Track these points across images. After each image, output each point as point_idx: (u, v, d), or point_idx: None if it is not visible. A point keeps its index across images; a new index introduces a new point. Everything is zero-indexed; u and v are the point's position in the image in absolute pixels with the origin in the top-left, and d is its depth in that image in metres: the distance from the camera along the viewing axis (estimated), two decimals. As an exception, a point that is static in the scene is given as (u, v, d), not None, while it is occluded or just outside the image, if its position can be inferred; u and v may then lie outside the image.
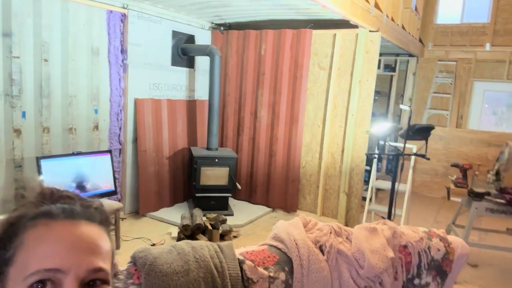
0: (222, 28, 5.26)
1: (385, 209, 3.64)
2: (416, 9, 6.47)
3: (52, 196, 0.63)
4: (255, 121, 5.07)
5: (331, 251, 1.55)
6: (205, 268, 1.30)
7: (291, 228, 1.61)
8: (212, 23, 5.23)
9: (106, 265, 0.60)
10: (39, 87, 3.41)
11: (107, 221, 0.68)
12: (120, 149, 4.29)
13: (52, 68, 3.49)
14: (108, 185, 3.64)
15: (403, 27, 5.61)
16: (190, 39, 4.96)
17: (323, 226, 1.70)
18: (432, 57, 7.31)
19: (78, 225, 0.60)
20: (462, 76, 7.11)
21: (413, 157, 4.05)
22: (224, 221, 3.95)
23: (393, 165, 3.30)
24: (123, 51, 4.14)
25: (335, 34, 4.49)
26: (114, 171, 3.77)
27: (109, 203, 3.45)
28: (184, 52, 4.83)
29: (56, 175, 3.28)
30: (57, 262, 0.55)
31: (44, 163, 3.20)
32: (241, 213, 4.66)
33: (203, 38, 5.13)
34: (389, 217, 3.28)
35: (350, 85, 4.44)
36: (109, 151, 3.79)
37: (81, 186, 3.41)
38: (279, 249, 1.53)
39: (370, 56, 4.33)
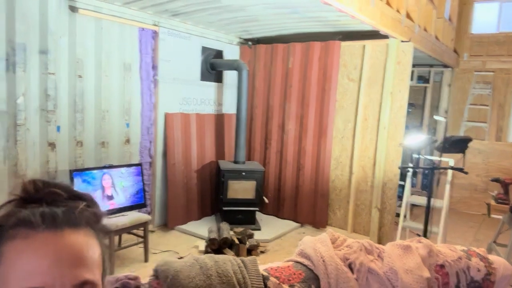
0: (250, 42, 5.30)
1: (420, 226, 3.46)
2: (450, 19, 6.28)
3: (37, 192, 0.57)
4: (282, 134, 5.02)
5: (361, 269, 1.46)
6: (228, 284, 1.25)
7: (318, 244, 1.54)
8: (240, 38, 5.28)
9: (93, 276, 0.56)
10: (73, 102, 3.53)
11: (97, 219, 0.61)
12: (150, 162, 4.36)
13: (86, 84, 3.62)
14: (139, 198, 3.68)
15: (436, 37, 5.44)
16: (219, 54, 5.03)
17: (352, 242, 1.61)
18: (468, 68, 7.04)
19: (61, 235, 0.54)
20: (500, 87, 6.79)
21: (450, 171, 3.86)
22: (251, 236, 3.89)
23: (429, 180, 3.15)
24: (154, 67, 4.23)
25: (364, 45, 4.41)
26: (144, 184, 3.82)
27: (138, 216, 3.49)
28: (213, 67, 4.89)
29: (88, 187, 3.35)
30: (39, 279, 0.51)
31: (76, 176, 3.29)
32: (269, 227, 4.58)
33: (232, 53, 5.18)
34: (424, 235, 3.11)
35: (381, 97, 4.32)
36: (140, 164, 3.85)
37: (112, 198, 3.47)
38: (305, 266, 1.46)
39: (402, 67, 4.21)
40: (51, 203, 0.57)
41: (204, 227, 4.30)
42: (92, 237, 0.59)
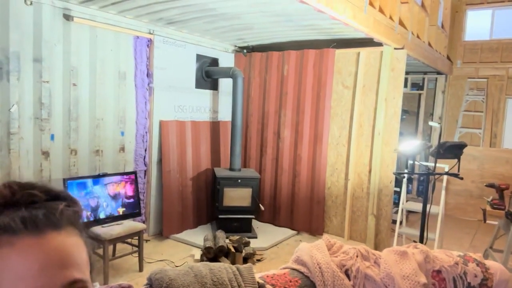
0: (245, 50, 5.32)
1: (416, 232, 3.45)
2: (442, 26, 6.35)
3: (13, 195, 0.56)
4: (278, 141, 5.02)
5: (358, 276, 1.45)
6: (223, 292, 1.24)
7: (314, 251, 1.53)
8: (236, 46, 5.30)
9: (82, 274, 0.55)
10: (68, 111, 3.51)
11: (78, 216, 0.61)
12: (145, 170, 4.33)
13: (81, 92, 3.60)
14: (133, 207, 3.65)
15: (429, 45, 5.50)
16: (214, 62, 5.04)
17: (349, 249, 1.60)
18: (462, 75, 7.11)
19: (45, 238, 0.54)
20: (494, 93, 6.85)
21: (445, 177, 3.87)
22: (247, 244, 3.86)
23: (424, 186, 3.15)
24: (149, 74, 4.23)
25: (358, 53, 4.44)
26: (139, 192, 3.79)
27: (133, 225, 3.46)
28: (208, 74, 4.90)
29: (83, 196, 3.32)
30: (28, 285, 0.51)
31: (70, 185, 3.26)
32: (265, 235, 4.56)
33: (227, 60, 5.20)
34: (421, 241, 3.10)
35: (376, 104, 4.34)
36: (134, 173, 3.82)
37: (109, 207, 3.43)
38: (301, 273, 1.45)
39: (396, 73, 4.25)
40: (29, 206, 0.56)
41: (199, 236, 4.27)
42: (75, 235, 0.58)
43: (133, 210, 3.64)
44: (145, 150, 4.31)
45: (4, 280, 0.52)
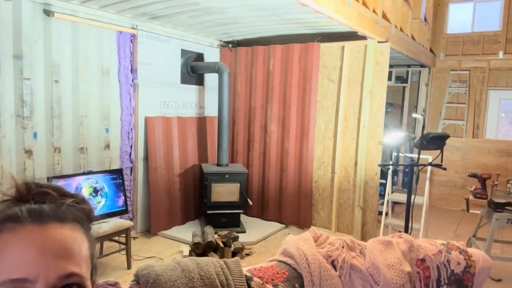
0: (230, 45, 5.30)
1: (402, 223, 3.51)
2: (425, 19, 6.43)
3: (29, 192, 0.59)
4: (265, 135, 5.03)
5: (344, 266, 1.47)
6: (210, 286, 1.24)
7: (301, 243, 1.55)
8: (221, 40, 5.27)
9: (80, 269, 0.56)
10: (50, 108, 3.45)
11: (86, 217, 0.63)
12: (131, 168, 4.29)
13: (63, 89, 3.54)
14: (120, 204, 3.62)
15: (412, 38, 5.56)
16: (199, 57, 5.00)
17: (335, 240, 1.62)
18: (445, 67, 7.21)
19: (46, 228, 0.55)
20: (476, 85, 6.98)
21: (429, 168, 3.93)
22: (236, 238, 3.87)
23: (409, 177, 3.20)
24: (133, 70, 4.18)
25: (343, 46, 4.47)
26: (125, 190, 3.76)
27: (120, 222, 3.43)
28: (193, 70, 4.87)
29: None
30: (23, 271, 0.52)
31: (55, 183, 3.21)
32: (253, 230, 4.57)
33: (212, 55, 5.17)
34: (406, 231, 3.16)
35: (361, 97, 4.38)
36: (120, 170, 3.78)
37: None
38: (288, 264, 1.46)
39: (380, 66, 4.28)
40: (41, 202, 0.59)
41: (188, 232, 4.26)
42: (79, 232, 0.60)
43: (119, 207, 3.61)
44: (131, 147, 4.27)
45: (1, 265, 0.53)
